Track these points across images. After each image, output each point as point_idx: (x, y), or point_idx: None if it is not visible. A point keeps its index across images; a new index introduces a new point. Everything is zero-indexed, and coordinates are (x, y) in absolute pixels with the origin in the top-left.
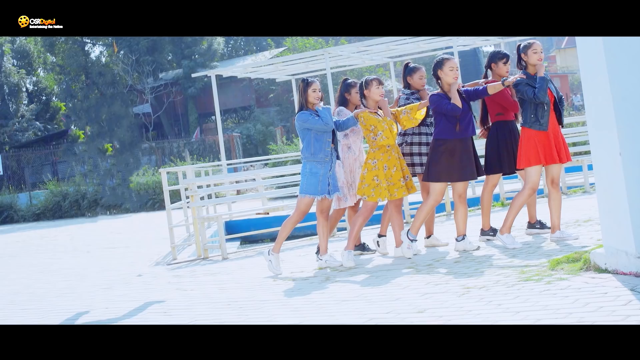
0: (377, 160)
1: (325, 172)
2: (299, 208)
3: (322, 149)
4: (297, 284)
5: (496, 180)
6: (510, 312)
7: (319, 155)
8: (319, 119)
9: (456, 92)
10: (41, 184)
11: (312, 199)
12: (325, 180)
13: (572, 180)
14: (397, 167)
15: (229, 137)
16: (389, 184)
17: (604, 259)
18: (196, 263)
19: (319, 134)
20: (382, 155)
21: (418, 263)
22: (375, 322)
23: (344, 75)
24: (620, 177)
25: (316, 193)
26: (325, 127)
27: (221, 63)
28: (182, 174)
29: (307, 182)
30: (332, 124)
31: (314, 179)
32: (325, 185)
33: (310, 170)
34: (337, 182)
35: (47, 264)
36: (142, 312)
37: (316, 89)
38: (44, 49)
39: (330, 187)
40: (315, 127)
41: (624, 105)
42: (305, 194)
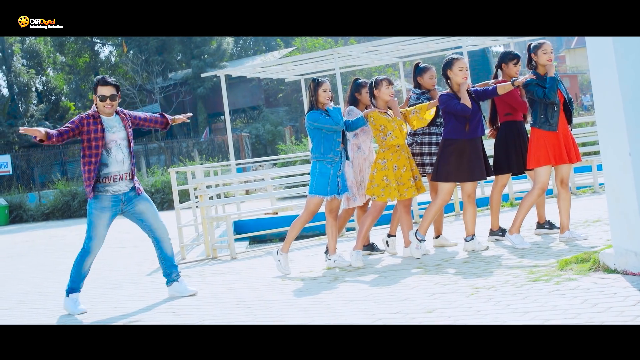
0: (386, 160)
1: (335, 172)
2: (308, 208)
3: (332, 149)
4: (306, 284)
5: (505, 180)
6: (519, 312)
7: (329, 155)
8: (330, 118)
9: (466, 92)
10: (50, 184)
11: (322, 199)
12: (335, 181)
13: (582, 181)
14: (406, 167)
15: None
16: (398, 184)
17: (613, 259)
18: (205, 263)
19: (329, 134)
20: (391, 155)
21: (427, 263)
22: (384, 322)
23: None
24: (630, 178)
25: (326, 193)
26: (336, 127)
27: (230, 63)
28: (191, 174)
29: (317, 182)
30: (342, 124)
31: (324, 179)
32: (335, 185)
33: (320, 170)
34: (346, 182)
35: (56, 263)
36: (150, 311)
37: (327, 89)
38: (53, 49)
39: (339, 187)
40: (326, 126)
41: (633, 106)
42: (314, 193)
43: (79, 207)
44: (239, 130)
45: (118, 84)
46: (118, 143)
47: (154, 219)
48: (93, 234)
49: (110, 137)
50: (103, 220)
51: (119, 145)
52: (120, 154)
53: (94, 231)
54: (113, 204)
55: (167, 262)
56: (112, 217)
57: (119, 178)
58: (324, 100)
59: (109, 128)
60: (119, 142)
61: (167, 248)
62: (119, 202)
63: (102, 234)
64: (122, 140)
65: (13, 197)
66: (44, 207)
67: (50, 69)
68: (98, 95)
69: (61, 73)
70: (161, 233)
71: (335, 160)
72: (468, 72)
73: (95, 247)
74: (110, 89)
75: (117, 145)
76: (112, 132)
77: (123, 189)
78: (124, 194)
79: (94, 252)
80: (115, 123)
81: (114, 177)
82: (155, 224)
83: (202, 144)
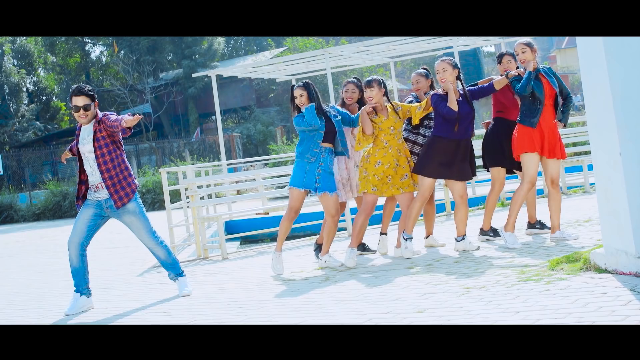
0: (370, 155)
1: (313, 169)
2: (289, 203)
3: (310, 149)
4: (297, 284)
5: (502, 179)
6: (510, 312)
7: (306, 154)
8: (304, 120)
9: (453, 95)
10: (41, 184)
11: (300, 192)
12: (312, 177)
13: (572, 181)
14: (390, 165)
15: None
16: (378, 178)
17: (604, 259)
18: (196, 263)
19: (311, 134)
20: (377, 152)
21: (418, 263)
22: (375, 322)
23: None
24: (620, 177)
25: (300, 185)
26: (311, 127)
27: (221, 63)
28: (182, 174)
29: (294, 175)
30: (315, 122)
31: (300, 172)
32: (312, 180)
33: (297, 164)
34: (330, 183)
35: (46, 264)
36: (141, 311)
37: (298, 95)
38: (44, 49)
39: (318, 185)
40: (302, 128)
41: (624, 106)
42: (290, 185)
43: (70, 208)
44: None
45: (93, 94)
46: (86, 155)
47: (139, 233)
48: (72, 228)
49: (81, 149)
50: (84, 215)
51: (86, 157)
52: (88, 166)
53: (74, 224)
54: (96, 206)
55: (164, 266)
56: (95, 216)
57: (95, 187)
58: (299, 104)
59: (81, 139)
60: (87, 155)
61: (160, 255)
62: (102, 207)
63: (79, 229)
64: (89, 153)
65: (4, 198)
66: (34, 208)
67: (41, 69)
68: (72, 106)
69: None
70: (147, 244)
71: (312, 161)
72: (447, 72)
73: (71, 241)
74: (84, 99)
75: (86, 158)
76: (82, 144)
77: (103, 196)
78: (104, 200)
79: (70, 246)
80: (86, 135)
81: (92, 186)
82: (140, 237)
83: (193, 144)
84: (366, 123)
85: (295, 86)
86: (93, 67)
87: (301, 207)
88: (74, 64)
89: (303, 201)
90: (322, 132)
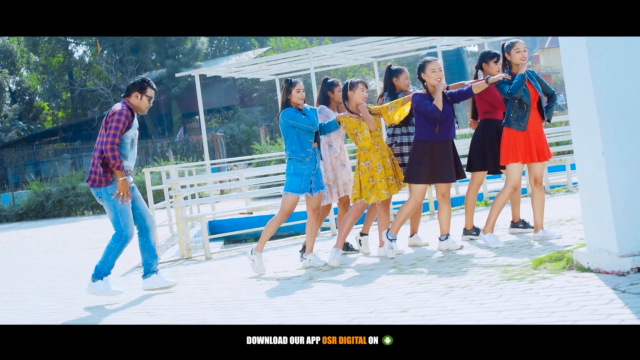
0: (369, 161)
1: (309, 172)
2: (284, 207)
3: (304, 149)
4: (281, 283)
5: (481, 179)
6: (493, 311)
7: (300, 154)
8: (306, 117)
9: (440, 94)
10: (24, 184)
11: (296, 198)
12: (308, 179)
13: (555, 180)
14: (387, 164)
15: (213, 136)
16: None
17: (587, 258)
18: (179, 263)
19: (302, 133)
20: (373, 155)
21: (401, 262)
22: (359, 322)
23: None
24: (603, 177)
25: (299, 191)
26: (311, 127)
27: (205, 63)
28: (166, 174)
29: (290, 181)
30: (317, 125)
31: (298, 178)
32: (308, 184)
33: (294, 169)
34: (320, 180)
35: (29, 264)
36: (124, 311)
37: (300, 89)
38: (27, 49)
39: (312, 185)
40: (300, 125)
41: (606, 105)
42: (287, 191)
43: (53, 208)
44: (214, 130)
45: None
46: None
47: (145, 207)
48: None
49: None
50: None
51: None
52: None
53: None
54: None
55: (150, 252)
56: None
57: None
58: (297, 101)
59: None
60: (134, 140)
61: (153, 238)
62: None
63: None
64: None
65: None
66: (17, 208)
67: (23, 69)
68: (146, 96)
69: (35, 73)
70: (150, 222)
71: (307, 160)
72: (442, 72)
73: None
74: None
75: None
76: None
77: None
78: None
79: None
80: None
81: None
82: (146, 211)
83: (177, 144)
84: (368, 120)
85: (294, 81)
86: (76, 67)
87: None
88: (57, 63)
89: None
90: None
